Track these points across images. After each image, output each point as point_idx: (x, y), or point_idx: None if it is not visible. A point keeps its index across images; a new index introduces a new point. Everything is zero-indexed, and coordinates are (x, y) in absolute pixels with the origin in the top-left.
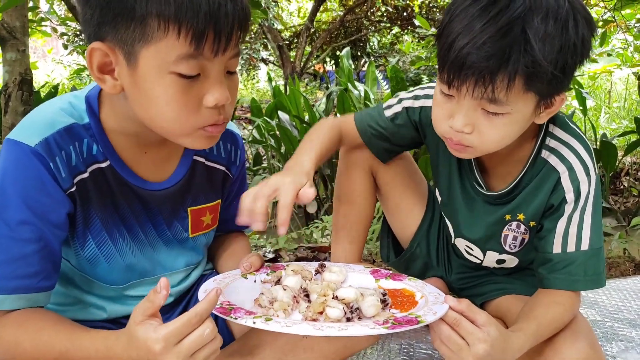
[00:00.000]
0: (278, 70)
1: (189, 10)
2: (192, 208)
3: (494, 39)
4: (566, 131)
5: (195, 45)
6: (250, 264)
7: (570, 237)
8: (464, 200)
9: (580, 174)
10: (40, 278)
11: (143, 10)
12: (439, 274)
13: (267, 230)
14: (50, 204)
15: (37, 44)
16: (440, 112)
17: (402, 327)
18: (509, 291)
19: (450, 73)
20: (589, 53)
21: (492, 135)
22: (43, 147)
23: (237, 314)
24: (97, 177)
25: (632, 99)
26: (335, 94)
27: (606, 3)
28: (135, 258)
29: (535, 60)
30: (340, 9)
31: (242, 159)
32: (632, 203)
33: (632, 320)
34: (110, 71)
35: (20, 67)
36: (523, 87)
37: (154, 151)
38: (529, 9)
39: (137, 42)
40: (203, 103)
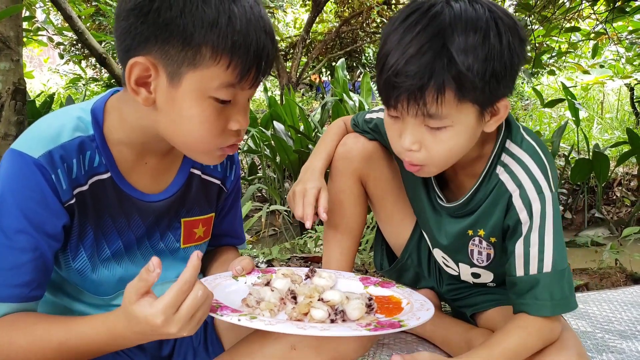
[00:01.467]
0: (274, 80)
1: (242, 48)
2: (186, 219)
3: (417, 57)
4: (521, 146)
5: (239, 78)
6: (242, 267)
7: (532, 259)
8: (431, 211)
9: (531, 193)
10: (33, 287)
11: (200, 39)
12: (430, 284)
13: (261, 240)
14: (48, 216)
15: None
16: (391, 133)
17: (384, 330)
18: (500, 302)
19: (384, 94)
20: (522, 58)
21: (440, 150)
22: (46, 159)
23: (224, 311)
24: (96, 189)
25: (624, 110)
26: (330, 105)
27: (598, 15)
28: (125, 270)
29: (460, 71)
30: (336, 20)
31: (237, 174)
32: (624, 213)
33: (622, 331)
34: (146, 84)
35: (14, 77)
36: (455, 98)
37: (154, 162)
38: (449, 24)
39: (186, 65)
40: (228, 127)
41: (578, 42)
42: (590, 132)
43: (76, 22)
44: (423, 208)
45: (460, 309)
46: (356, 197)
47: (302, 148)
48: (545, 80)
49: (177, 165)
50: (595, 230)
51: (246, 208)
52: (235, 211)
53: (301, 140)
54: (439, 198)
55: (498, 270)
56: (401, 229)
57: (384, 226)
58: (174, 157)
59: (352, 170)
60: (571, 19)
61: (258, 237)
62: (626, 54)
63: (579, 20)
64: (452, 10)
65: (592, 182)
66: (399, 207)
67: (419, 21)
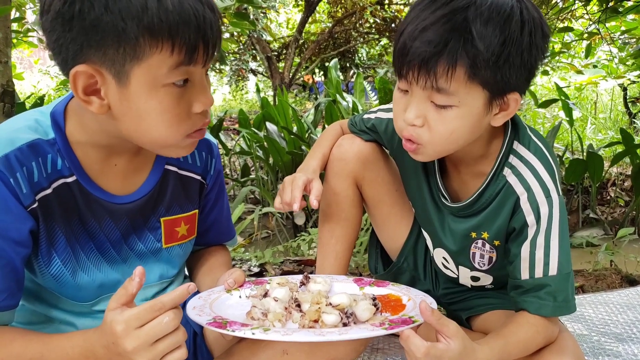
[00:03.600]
0: (267, 81)
1: (180, 26)
2: (165, 218)
3: (435, 26)
4: (529, 149)
5: (188, 58)
6: (234, 280)
7: (537, 262)
8: (435, 210)
9: (539, 196)
10: (4, 297)
11: (135, 31)
12: (425, 287)
13: (253, 243)
14: (11, 221)
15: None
16: (396, 108)
17: (400, 327)
18: (496, 306)
19: (398, 61)
20: (541, 53)
21: (442, 129)
22: (3, 163)
23: (233, 326)
24: (62, 192)
25: (617, 110)
26: (323, 105)
27: (591, 15)
28: (104, 274)
29: (475, 48)
30: (329, 21)
31: (217, 167)
32: (618, 213)
33: (618, 334)
34: (96, 91)
35: (2, 79)
36: (465, 75)
37: (124, 162)
38: (474, 3)
39: (129, 62)
40: (192, 110)
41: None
42: (584, 132)
43: None
44: (426, 207)
45: (456, 313)
46: (351, 200)
47: (295, 149)
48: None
49: (150, 164)
50: (590, 231)
51: (239, 210)
52: (221, 206)
53: (294, 141)
54: (442, 197)
55: (498, 273)
56: (397, 232)
57: (380, 229)
58: (146, 156)
59: (347, 172)
60: (564, 19)
61: (251, 239)
62: (619, 54)
63: (572, 20)
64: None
65: (586, 183)
66: (396, 210)
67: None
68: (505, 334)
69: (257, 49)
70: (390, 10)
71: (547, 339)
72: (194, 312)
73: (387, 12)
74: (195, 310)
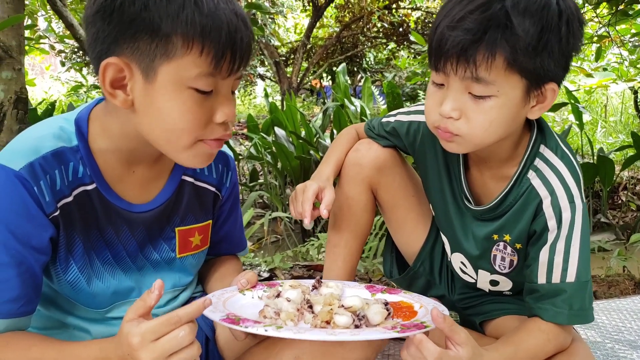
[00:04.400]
0: (275, 86)
1: (212, 32)
2: (180, 228)
3: (473, 15)
4: (556, 154)
5: (214, 64)
6: (247, 280)
7: (556, 267)
8: (457, 213)
9: (562, 201)
10: (22, 302)
11: (169, 29)
12: (441, 292)
13: (262, 248)
14: (33, 229)
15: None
16: (431, 102)
17: (412, 331)
18: (510, 311)
19: (434, 55)
20: (577, 42)
21: (480, 120)
22: (27, 171)
23: (246, 323)
24: (82, 200)
25: (628, 113)
26: (331, 110)
27: (601, 18)
28: (118, 282)
29: (515, 35)
30: (337, 25)
31: (233, 180)
32: (630, 218)
33: (632, 341)
34: (123, 86)
35: (15, 86)
36: (504, 63)
37: (143, 170)
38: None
39: (158, 58)
40: (214, 119)
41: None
42: (594, 135)
43: (77, 29)
44: (447, 211)
45: (470, 317)
46: (364, 205)
47: (303, 154)
48: None
49: (167, 174)
50: (601, 236)
51: (248, 215)
52: (235, 218)
53: (302, 146)
54: (466, 200)
55: (518, 279)
56: (414, 237)
57: (396, 234)
58: (164, 165)
59: (362, 177)
60: None
61: (260, 244)
62: (630, 57)
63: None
64: None
65: (597, 187)
66: (412, 215)
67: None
68: (514, 341)
69: (265, 54)
70: (398, 14)
71: (558, 347)
72: (208, 310)
73: (394, 16)
74: (209, 308)
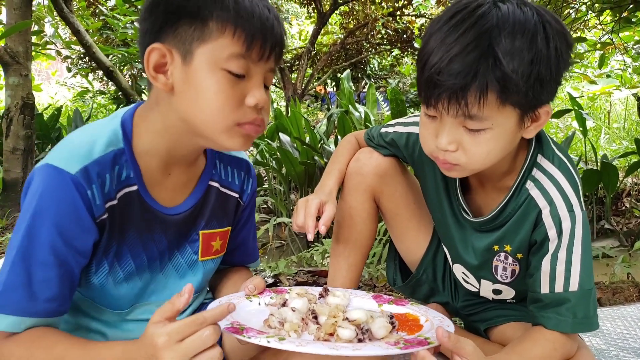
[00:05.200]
0: (280, 92)
1: (245, 17)
2: (204, 231)
3: (462, 55)
4: (553, 163)
5: (246, 46)
6: (254, 285)
7: (558, 276)
8: (455, 225)
9: (561, 210)
10: (59, 303)
11: (207, 13)
12: (445, 299)
13: (267, 253)
14: (79, 232)
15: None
16: (426, 132)
17: (414, 348)
18: (515, 318)
19: (425, 92)
20: (567, 64)
21: (478, 151)
22: (83, 175)
23: (250, 333)
24: (125, 202)
25: (631, 119)
26: (336, 116)
27: (604, 26)
28: (144, 283)
29: (505, 73)
30: (341, 32)
31: (253, 187)
32: (634, 224)
33: (637, 349)
34: (164, 71)
35: (22, 92)
36: (497, 100)
37: (177, 173)
38: (496, 25)
39: (195, 41)
40: (245, 102)
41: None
42: (598, 142)
43: (84, 36)
44: (446, 223)
45: (474, 324)
46: (367, 214)
47: (308, 159)
48: None
49: (197, 178)
50: (605, 242)
51: None
52: (251, 226)
53: (307, 151)
54: (464, 212)
55: (521, 287)
56: (416, 245)
57: (398, 242)
58: (196, 169)
59: (364, 186)
60: (577, 29)
61: (265, 250)
62: (633, 63)
63: (585, 30)
64: (500, 12)
65: (600, 193)
66: (414, 223)
67: (464, 20)
68: (520, 351)
69: None
70: (402, 21)
71: (564, 356)
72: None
73: (398, 23)
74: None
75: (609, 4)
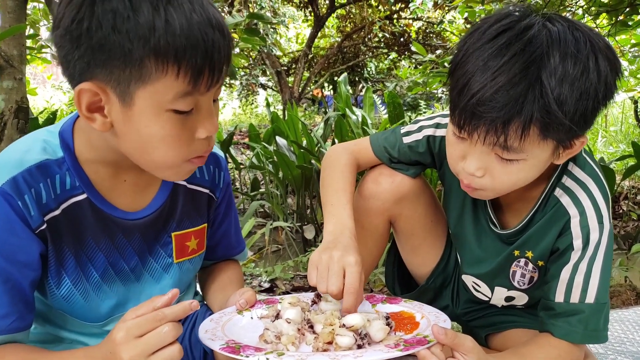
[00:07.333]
0: (277, 95)
1: (187, 50)
2: (176, 233)
3: (507, 87)
4: (584, 170)
5: (193, 83)
6: (245, 300)
7: (575, 287)
8: (475, 234)
9: (591, 221)
10: (13, 319)
11: (141, 53)
12: (445, 303)
13: (264, 257)
14: (18, 245)
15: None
16: (452, 152)
17: (415, 348)
18: (518, 324)
19: (461, 119)
20: (613, 95)
21: (505, 180)
22: (11, 186)
23: (247, 351)
24: (72, 212)
25: (628, 122)
26: (333, 119)
27: (601, 29)
28: (116, 294)
29: (550, 109)
30: (338, 35)
31: (226, 180)
32: (631, 227)
33: (635, 353)
34: (99, 109)
35: (16, 95)
36: (539, 136)
37: (133, 178)
38: (546, 53)
39: (134, 83)
40: (196, 136)
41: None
42: (595, 145)
43: None
44: (465, 230)
45: (475, 329)
46: (380, 235)
47: (305, 163)
48: None
49: (160, 179)
50: None
51: (249, 225)
52: (230, 219)
53: (304, 155)
54: (492, 224)
55: (536, 294)
56: (427, 260)
57: (409, 256)
58: None
59: (382, 210)
60: None
61: (261, 254)
62: (629, 67)
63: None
64: (550, 35)
65: None
66: (428, 240)
67: (511, 43)
68: (523, 353)
69: (267, 63)
70: (399, 24)
71: None
72: (207, 336)
73: (395, 26)
74: (208, 334)
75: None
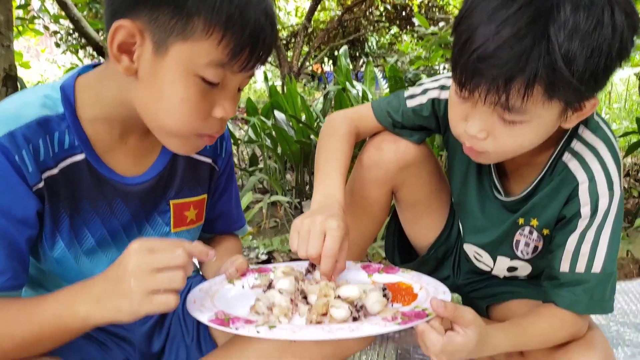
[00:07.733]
0: (275, 70)
1: (237, 24)
2: (175, 201)
3: (512, 42)
4: (595, 134)
5: (230, 56)
6: (235, 268)
7: (582, 256)
8: (478, 201)
9: (601, 187)
10: (8, 277)
11: (194, 9)
12: (445, 274)
13: (262, 232)
14: (15, 200)
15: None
16: (454, 113)
17: (414, 322)
18: (519, 295)
19: (462, 76)
20: (628, 53)
21: (509, 142)
22: (8, 139)
23: (237, 323)
24: (70, 172)
25: (632, 99)
26: (332, 94)
27: None
28: (110, 260)
29: (557, 66)
30: (339, 9)
31: (228, 149)
32: (632, 204)
33: (638, 324)
34: (129, 52)
35: (4, 63)
36: (544, 96)
37: (135, 141)
38: (556, 4)
39: (175, 35)
40: (212, 113)
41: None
42: None
43: (72, 9)
44: (469, 198)
45: (476, 301)
46: (380, 208)
47: (303, 138)
48: None
49: (160, 145)
50: None
51: (247, 199)
52: (231, 191)
53: (303, 130)
54: (496, 191)
55: (539, 264)
56: (429, 230)
57: (410, 226)
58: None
59: (385, 179)
60: None
61: (259, 228)
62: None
63: None
64: None
65: None
66: (431, 209)
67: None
68: (523, 324)
69: None
70: None
71: (573, 335)
72: (195, 307)
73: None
74: (196, 305)
75: None
